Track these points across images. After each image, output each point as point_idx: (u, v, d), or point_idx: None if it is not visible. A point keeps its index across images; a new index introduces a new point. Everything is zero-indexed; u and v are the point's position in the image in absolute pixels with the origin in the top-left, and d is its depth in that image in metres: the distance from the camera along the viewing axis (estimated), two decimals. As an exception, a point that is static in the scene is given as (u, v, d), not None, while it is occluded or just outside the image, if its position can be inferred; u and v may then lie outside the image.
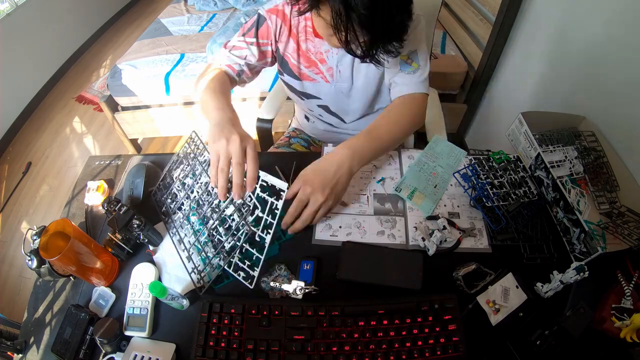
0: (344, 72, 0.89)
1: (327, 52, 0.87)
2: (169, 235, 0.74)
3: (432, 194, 0.80)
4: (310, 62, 0.90)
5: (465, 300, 0.64)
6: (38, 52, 2.67)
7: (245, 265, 0.68)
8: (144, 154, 1.08)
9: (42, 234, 0.63)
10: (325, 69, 0.90)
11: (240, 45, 0.87)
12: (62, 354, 0.59)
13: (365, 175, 0.85)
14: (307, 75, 0.92)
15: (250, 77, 0.93)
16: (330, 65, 0.89)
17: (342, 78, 0.90)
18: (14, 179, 2.16)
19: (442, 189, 0.81)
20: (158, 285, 0.56)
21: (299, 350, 0.58)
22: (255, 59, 0.88)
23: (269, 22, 0.85)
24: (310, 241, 0.73)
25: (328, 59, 0.88)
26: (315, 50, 0.88)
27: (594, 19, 1.02)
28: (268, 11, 0.85)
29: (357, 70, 0.89)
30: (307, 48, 0.88)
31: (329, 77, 0.91)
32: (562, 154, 0.87)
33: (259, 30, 0.86)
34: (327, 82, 0.92)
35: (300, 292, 0.64)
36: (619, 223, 0.75)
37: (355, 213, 0.77)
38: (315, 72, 0.91)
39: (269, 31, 0.86)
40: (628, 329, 0.60)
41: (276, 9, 0.85)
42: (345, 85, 0.92)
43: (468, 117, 1.88)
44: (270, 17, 0.85)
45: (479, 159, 0.87)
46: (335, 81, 0.91)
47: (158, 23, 2.33)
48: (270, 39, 0.87)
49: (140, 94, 1.89)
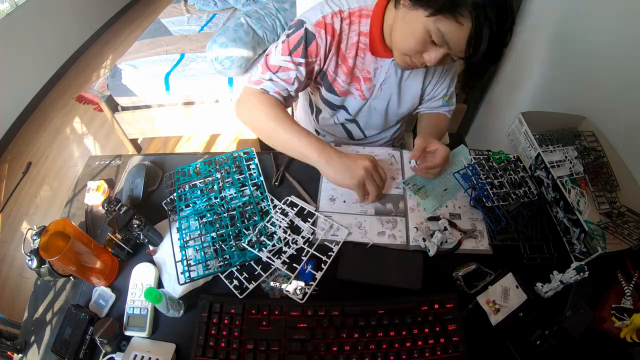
0: (385, 91, 0.89)
1: (376, 70, 0.84)
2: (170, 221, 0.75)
3: (439, 195, 0.80)
4: (354, 78, 0.86)
5: (465, 300, 0.64)
6: (38, 52, 2.66)
7: (242, 277, 0.68)
8: (144, 154, 1.08)
9: (42, 234, 0.63)
10: (366, 87, 0.87)
11: (287, 67, 0.77)
12: (62, 354, 0.59)
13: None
14: (346, 91, 0.89)
15: (295, 99, 0.89)
16: (374, 83, 0.87)
17: (381, 96, 0.90)
18: (14, 179, 2.16)
19: (451, 194, 0.81)
20: (153, 291, 0.55)
21: (299, 350, 0.58)
22: (303, 79, 0.80)
23: (319, 39, 0.77)
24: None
25: (375, 76, 0.85)
26: (363, 67, 0.84)
27: (594, 19, 1.02)
28: (316, 26, 0.76)
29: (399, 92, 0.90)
30: (354, 64, 0.83)
31: (367, 94, 0.89)
32: (562, 154, 0.87)
33: (309, 49, 0.77)
34: (363, 99, 0.90)
35: (301, 292, 0.64)
36: (619, 223, 0.75)
37: (356, 213, 0.77)
38: (356, 88, 0.88)
39: (318, 49, 0.78)
40: (628, 329, 0.60)
41: (324, 22, 0.76)
42: (380, 103, 0.92)
43: (468, 117, 1.88)
44: (319, 33, 0.76)
45: (478, 159, 0.87)
46: (373, 98, 0.90)
47: (158, 23, 2.32)
48: (319, 57, 0.79)
49: (141, 94, 1.89)
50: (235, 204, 0.77)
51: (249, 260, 0.69)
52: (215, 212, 0.76)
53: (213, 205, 0.77)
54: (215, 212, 0.76)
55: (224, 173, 0.82)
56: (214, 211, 0.76)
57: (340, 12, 0.77)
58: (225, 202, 0.77)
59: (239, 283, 0.67)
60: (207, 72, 1.83)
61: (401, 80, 0.87)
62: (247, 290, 0.66)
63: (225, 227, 0.73)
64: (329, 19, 0.77)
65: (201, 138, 2.32)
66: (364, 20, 0.79)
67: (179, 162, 0.87)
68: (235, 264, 0.68)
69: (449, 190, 0.82)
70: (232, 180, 0.81)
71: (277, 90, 0.78)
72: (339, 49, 0.81)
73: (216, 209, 0.76)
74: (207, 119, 1.98)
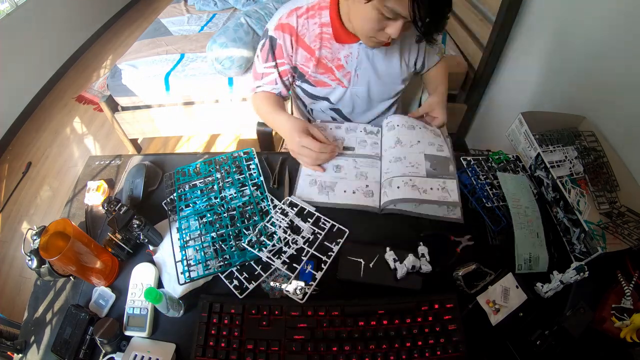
0: (361, 76, 0.91)
1: (346, 57, 0.87)
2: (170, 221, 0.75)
3: (540, 245, 0.72)
4: (326, 68, 0.90)
5: (465, 300, 0.64)
6: (38, 52, 2.67)
7: (242, 277, 0.68)
8: (144, 154, 1.08)
9: (42, 234, 0.63)
10: (342, 75, 0.90)
11: (268, 72, 0.91)
12: (62, 354, 0.59)
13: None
14: (322, 82, 0.92)
15: (287, 94, 0.98)
16: (348, 70, 0.90)
17: (359, 82, 0.92)
18: (14, 179, 2.16)
19: (541, 232, 0.74)
20: (153, 291, 0.55)
21: (299, 350, 0.58)
22: (284, 78, 0.92)
23: (280, 41, 0.86)
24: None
25: (347, 64, 0.88)
26: (333, 56, 0.88)
27: (594, 19, 1.02)
28: (276, 29, 0.86)
29: (377, 73, 0.91)
30: (321, 55, 0.87)
31: (346, 82, 0.92)
32: (562, 154, 0.87)
33: (275, 53, 0.88)
34: (344, 87, 0.93)
35: (301, 292, 0.64)
36: (619, 223, 0.75)
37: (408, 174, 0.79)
38: (331, 79, 0.91)
39: (282, 50, 0.87)
40: (628, 329, 0.60)
41: (281, 24, 0.85)
42: (361, 89, 0.94)
43: (468, 117, 1.88)
44: (279, 35, 0.86)
45: (478, 159, 0.87)
46: (352, 85, 0.92)
47: (158, 23, 2.32)
48: (285, 57, 0.88)
49: (141, 94, 1.89)
50: (235, 204, 0.77)
51: (249, 260, 0.69)
52: (215, 212, 0.76)
53: (213, 205, 0.77)
54: (215, 212, 0.76)
55: (224, 173, 0.82)
56: (214, 211, 0.76)
57: (296, 9, 0.85)
58: (225, 202, 0.77)
59: (239, 283, 0.67)
60: (207, 72, 1.83)
61: (374, 61, 0.89)
62: (247, 290, 0.66)
63: (225, 227, 0.73)
64: (284, 18, 0.85)
65: (201, 138, 2.32)
66: (324, 12, 0.84)
67: (179, 162, 0.87)
68: (235, 264, 0.69)
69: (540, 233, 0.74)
70: (232, 180, 0.81)
71: (269, 90, 0.94)
72: (302, 42, 0.87)
73: (216, 209, 0.76)
74: (207, 119, 1.98)
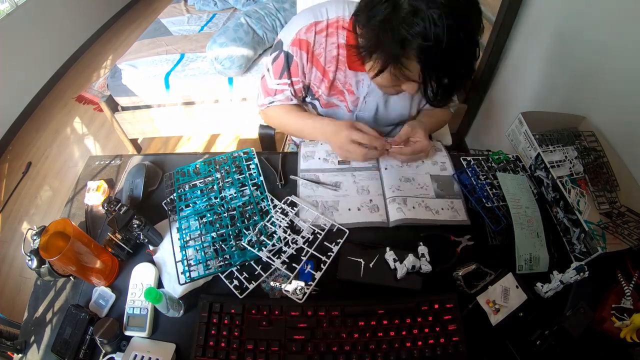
0: (369, 104, 0.89)
1: (358, 83, 0.85)
2: (170, 221, 0.74)
3: (540, 245, 0.73)
4: (337, 91, 0.87)
5: (465, 300, 0.64)
6: (38, 52, 2.66)
7: (242, 277, 0.68)
8: (144, 154, 1.08)
9: (42, 234, 0.63)
10: (351, 99, 0.88)
11: (282, 89, 0.88)
12: (62, 354, 0.59)
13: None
14: (329, 103, 0.91)
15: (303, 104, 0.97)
16: (357, 96, 0.87)
17: (366, 108, 0.90)
18: (14, 179, 2.15)
19: (542, 232, 0.74)
20: (153, 291, 0.55)
21: (299, 350, 0.58)
22: (298, 95, 0.91)
23: (297, 58, 0.82)
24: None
25: (357, 90, 0.86)
26: (345, 80, 0.85)
27: (594, 19, 1.02)
28: (292, 45, 0.81)
29: (385, 103, 0.89)
30: (335, 77, 0.84)
31: (352, 107, 0.90)
32: (562, 154, 0.87)
33: (291, 69, 0.84)
34: (349, 112, 0.91)
35: (301, 292, 0.64)
36: (619, 223, 0.75)
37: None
38: (340, 100, 0.90)
39: (298, 67, 0.84)
40: (628, 329, 0.60)
41: (298, 40, 0.80)
42: (366, 115, 0.91)
43: (468, 117, 1.88)
44: (295, 52, 0.81)
45: (478, 159, 0.87)
46: (358, 110, 0.90)
47: (158, 23, 2.32)
48: (300, 74, 0.85)
49: (141, 93, 1.89)
50: (235, 203, 0.77)
51: (249, 260, 0.69)
52: (215, 212, 0.76)
53: (213, 205, 0.77)
54: (215, 212, 0.76)
55: (224, 173, 0.82)
56: (214, 211, 0.76)
57: (315, 24, 0.79)
58: (225, 202, 0.77)
59: (239, 283, 0.67)
60: (207, 72, 1.83)
61: (385, 93, 0.86)
62: (247, 290, 0.66)
63: (225, 227, 0.73)
64: (303, 33, 0.79)
65: (201, 138, 2.32)
66: (341, 32, 0.78)
67: (179, 162, 0.87)
68: (236, 264, 0.69)
69: (540, 232, 0.74)
70: (232, 180, 0.81)
71: (284, 103, 0.92)
72: (316, 62, 0.83)
73: (216, 209, 0.76)
74: (207, 119, 1.98)
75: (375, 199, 0.79)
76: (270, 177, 0.84)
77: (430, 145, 0.84)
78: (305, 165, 0.85)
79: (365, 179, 0.82)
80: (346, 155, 0.83)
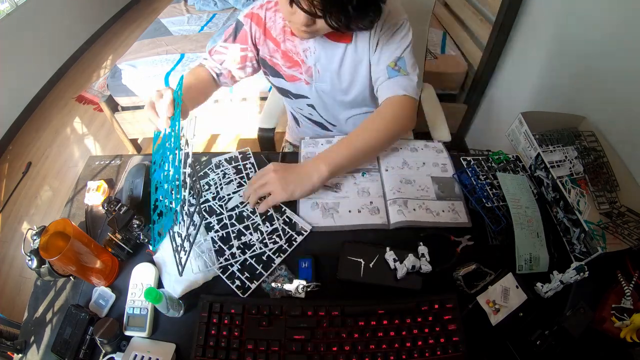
0: (323, 73, 0.87)
1: (305, 51, 0.85)
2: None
3: (540, 245, 0.72)
4: (293, 62, 0.88)
5: (465, 300, 0.64)
6: (38, 52, 2.67)
7: (244, 277, 0.68)
8: (144, 154, 1.08)
9: (42, 234, 0.63)
10: (304, 70, 0.88)
11: (220, 51, 0.89)
12: (62, 354, 0.59)
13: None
14: (291, 76, 0.91)
15: (228, 81, 0.94)
16: (309, 65, 0.87)
17: (322, 78, 0.88)
18: (14, 178, 2.16)
19: (542, 232, 0.73)
20: (153, 291, 0.55)
21: (299, 350, 0.58)
22: (236, 64, 0.90)
23: (246, 27, 0.86)
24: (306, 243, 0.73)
25: (307, 58, 0.86)
26: (295, 49, 0.86)
27: (594, 19, 1.02)
28: (245, 16, 0.86)
29: (341, 71, 0.86)
30: (287, 48, 0.87)
31: (307, 77, 0.89)
32: (562, 154, 0.87)
33: (237, 36, 0.88)
34: (307, 84, 0.91)
35: (302, 290, 0.64)
36: (619, 223, 0.75)
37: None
38: (299, 72, 0.90)
39: (246, 37, 0.87)
40: (628, 329, 0.60)
41: (251, 13, 0.86)
42: (325, 86, 0.90)
43: (468, 117, 1.88)
44: (247, 22, 0.86)
45: (478, 159, 0.88)
46: (315, 81, 0.89)
47: (158, 23, 2.32)
48: (248, 44, 0.88)
49: (141, 93, 1.89)
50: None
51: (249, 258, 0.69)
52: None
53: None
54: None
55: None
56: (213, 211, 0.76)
57: (267, 2, 0.85)
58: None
59: (240, 283, 0.67)
60: (207, 72, 1.83)
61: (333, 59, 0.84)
62: (249, 290, 0.66)
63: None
64: (256, 9, 0.86)
65: (201, 138, 2.32)
66: None
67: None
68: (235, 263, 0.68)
69: (540, 232, 0.73)
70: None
71: (210, 66, 0.91)
72: (269, 35, 0.87)
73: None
74: (207, 119, 1.98)
75: (376, 200, 0.78)
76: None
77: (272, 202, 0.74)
78: None
79: (366, 181, 0.82)
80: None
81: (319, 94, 0.93)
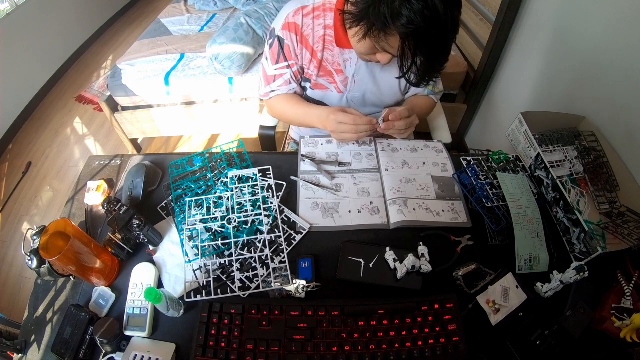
0: (359, 83, 0.90)
1: (346, 62, 0.87)
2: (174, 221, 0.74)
3: (540, 245, 0.72)
4: (326, 71, 0.89)
5: (465, 300, 0.64)
6: (38, 52, 2.66)
7: (244, 277, 0.68)
8: (144, 154, 1.08)
9: (42, 234, 0.63)
10: (340, 79, 0.90)
11: (280, 73, 0.91)
12: (62, 354, 0.59)
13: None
14: (320, 84, 0.92)
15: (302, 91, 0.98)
16: (346, 75, 0.89)
17: (356, 88, 0.91)
18: (14, 178, 2.16)
19: (542, 232, 0.73)
20: (153, 291, 0.55)
21: (299, 350, 0.58)
22: (297, 78, 0.93)
23: (287, 42, 0.86)
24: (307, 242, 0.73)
25: (346, 68, 0.88)
26: (333, 60, 0.87)
27: (594, 19, 1.02)
28: (283, 29, 0.85)
29: (375, 82, 0.90)
30: (324, 57, 0.87)
31: (342, 87, 0.91)
32: (562, 154, 0.87)
33: (285, 52, 0.87)
34: (339, 93, 0.93)
35: (302, 290, 0.64)
36: (619, 223, 0.75)
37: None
38: (330, 82, 0.91)
39: (290, 50, 0.87)
40: (628, 329, 0.60)
41: (287, 24, 0.84)
42: (357, 95, 0.93)
43: (468, 117, 1.88)
44: (286, 35, 0.85)
45: (478, 159, 0.87)
46: (349, 91, 0.92)
47: (158, 23, 2.32)
48: (294, 56, 0.88)
49: (141, 93, 1.89)
50: (231, 197, 0.76)
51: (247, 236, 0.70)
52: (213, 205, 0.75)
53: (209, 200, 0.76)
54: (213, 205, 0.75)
55: (218, 166, 0.82)
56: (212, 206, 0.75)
57: (302, 8, 0.84)
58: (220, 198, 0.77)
59: (240, 283, 0.67)
60: (207, 72, 1.83)
61: (374, 70, 0.89)
62: (249, 290, 0.66)
63: (222, 220, 0.73)
64: (291, 17, 0.84)
65: (201, 138, 2.32)
66: (329, 13, 0.83)
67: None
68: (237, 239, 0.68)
69: (540, 232, 0.73)
70: (226, 173, 0.80)
71: (284, 92, 0.95)
72: (306, 43, 0.86)
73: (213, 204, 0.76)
74: (207, 118, 1.98)
75: (376, 200, 0.78)
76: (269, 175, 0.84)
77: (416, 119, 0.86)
78: (305, 167, 0.85)
79: (366, 181, 0.82)
80: (340, 137, 0.85)
81: (348, 103, 0.95)
